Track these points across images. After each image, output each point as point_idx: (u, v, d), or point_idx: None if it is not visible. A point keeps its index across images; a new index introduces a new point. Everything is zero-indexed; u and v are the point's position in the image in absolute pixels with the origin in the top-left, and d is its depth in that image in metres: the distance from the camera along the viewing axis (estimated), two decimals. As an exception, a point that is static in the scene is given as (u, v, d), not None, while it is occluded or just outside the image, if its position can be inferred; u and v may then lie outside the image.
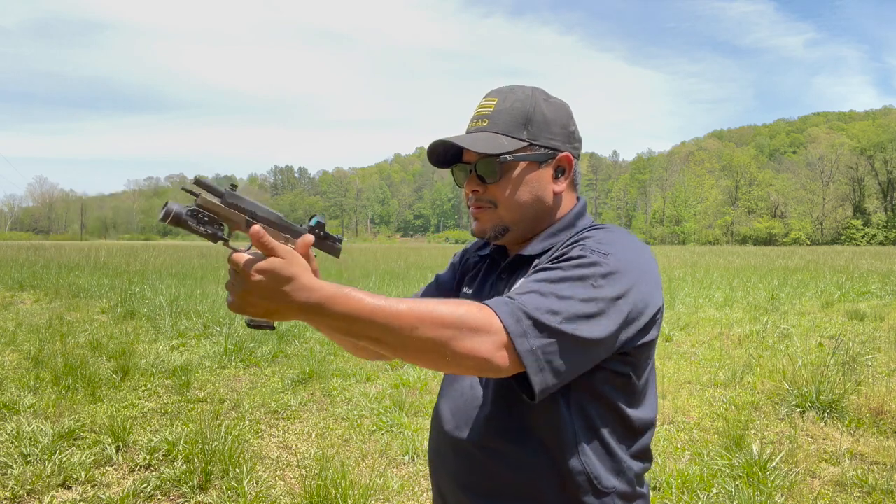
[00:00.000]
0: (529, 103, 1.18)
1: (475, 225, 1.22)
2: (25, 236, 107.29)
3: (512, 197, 1.17)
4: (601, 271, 1.01)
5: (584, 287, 0.99)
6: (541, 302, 0.96)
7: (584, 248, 1.05)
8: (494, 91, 1.22)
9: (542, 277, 1.01)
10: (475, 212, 1.21)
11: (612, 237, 1.09)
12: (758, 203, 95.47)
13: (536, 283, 1.00)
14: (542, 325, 0.94)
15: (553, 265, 1.04)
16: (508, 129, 1.16)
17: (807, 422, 4.61)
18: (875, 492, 3.43)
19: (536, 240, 1.20)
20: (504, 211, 1.18)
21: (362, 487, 3.33)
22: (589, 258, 1.02)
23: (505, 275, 1.24)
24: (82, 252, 26.36)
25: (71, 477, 3.49)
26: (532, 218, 1.19)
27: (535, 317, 0.94)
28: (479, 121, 1.19)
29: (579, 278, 0.99)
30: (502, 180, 1.16)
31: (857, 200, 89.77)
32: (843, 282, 15.05)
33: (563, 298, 0.97)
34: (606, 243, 1.06)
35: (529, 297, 0.96)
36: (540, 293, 0.97)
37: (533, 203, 1.18)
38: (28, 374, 5.62)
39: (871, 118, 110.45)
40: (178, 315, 9.09)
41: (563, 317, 0.95)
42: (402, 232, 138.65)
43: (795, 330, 8.33)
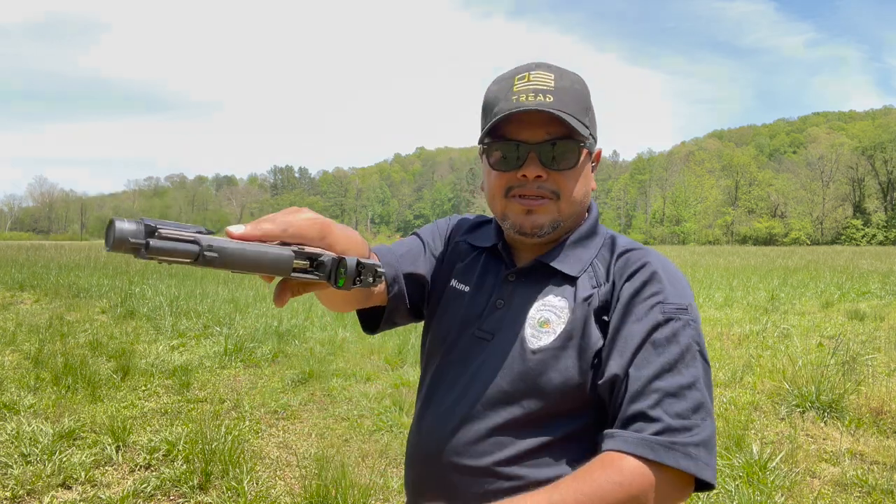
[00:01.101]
0: (585, 87, 1.08)
1: (526, 219, 1.06)
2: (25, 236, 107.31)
3: (575, 189, 1.07)
4: (695, 332, 0.98)
5: (694, 360, 0.96)
6: (681, 406, 0.92)
7: (664, 307, 0.99)
8: (540, 65, 1.07)
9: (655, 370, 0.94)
10: (531, 202, 1.05)
11: (669, 274, 1.04)
12: (758, 203, 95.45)
13: (655, 380, 0.94)
14: (705, 441, 0.90)
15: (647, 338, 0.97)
16: (577, 111, 1.04)
17: (807, 422, 4.61)
18: (875, 492, 3.43)
19: (564, 248, 1.10)
20: (565, 204, 1.06)
21: (362, 487, 3.32)
22: (678, 319, 0.98)
23: (514, 277, 1.11)
24: (82, 252, 26.36)
25: (71, 477, 3.49)
26: (578, 215, 1.11)
27: (698, 441, 0.90)
28: (542, 95, 1.02)
29: (687, 351, 0.96)
30: (574, 168, 1.05)
31: (857, 200, 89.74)
32: (843, 282, 15.05)
33: (692, 387, 0.94)
34: (674, 288, 1.02)
35: (667, 407, 0.91)
36: (672, 395, 0.92)
37: (584, 198, 1.10)
38: (28, 374, 5.62)
39: (871, 118, 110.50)
40: (178, 315, 9.09)
41: (707, 409, 0.93)
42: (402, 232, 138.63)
43: (795, 330, 8.33)
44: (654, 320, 0.98)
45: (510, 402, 1.03)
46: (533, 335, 1.05)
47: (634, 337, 0.98)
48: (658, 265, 1.04)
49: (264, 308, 9.81)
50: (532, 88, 1.02)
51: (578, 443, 1.02)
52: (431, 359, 1.19)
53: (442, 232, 1.28)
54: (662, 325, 0.97)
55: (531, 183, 1.04)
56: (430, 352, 1.19)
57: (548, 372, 1.02)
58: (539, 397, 1.02)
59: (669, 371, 0.94)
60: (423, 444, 1.12)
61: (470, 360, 1.10)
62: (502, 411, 1.04)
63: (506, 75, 1.07)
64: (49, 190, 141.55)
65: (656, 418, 0.90)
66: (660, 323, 0.97)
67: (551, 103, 1.00)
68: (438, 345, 1.17)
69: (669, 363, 0.94)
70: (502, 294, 1.11)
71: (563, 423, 1.03)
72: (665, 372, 0.94)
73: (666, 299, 1.00)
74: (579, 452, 1.00)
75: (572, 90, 1.04)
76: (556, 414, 1.02)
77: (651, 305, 0.99)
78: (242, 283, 13.99)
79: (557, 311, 1.05)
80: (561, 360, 1.02)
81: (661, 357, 0.95)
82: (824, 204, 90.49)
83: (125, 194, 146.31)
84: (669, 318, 0.98)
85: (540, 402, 1.02)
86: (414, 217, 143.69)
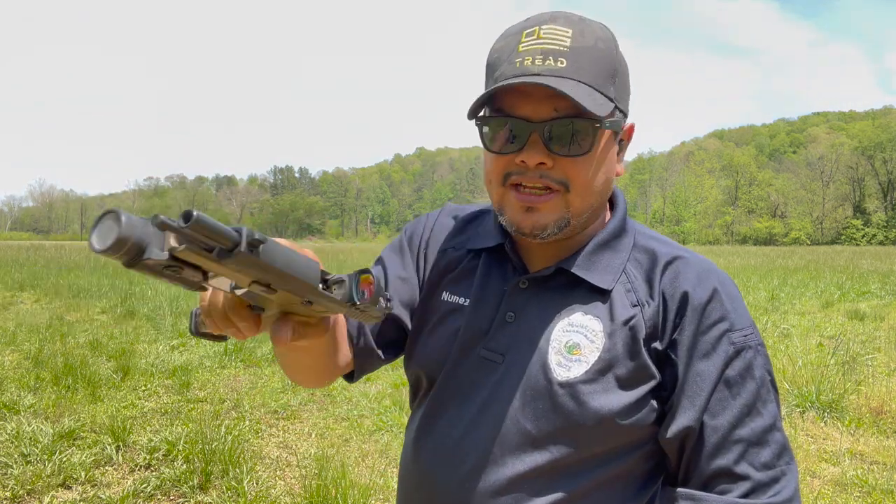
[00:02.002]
0: (613, 46, 0.84)
1: (525, 217, 0.85)
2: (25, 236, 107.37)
3: (592, 177, 0.84)
4: (764, 357, 0.88)
5: (769, 393, 0.87)
6: (766, 454, 0.84)
7: (731, 336, 0.86)
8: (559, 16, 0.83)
9: (736, 415, 0.85)
10: (531, 198, 0.84)
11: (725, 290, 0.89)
12: (758, 203, 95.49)
13: (737, 428, 0.84)
14: (793, 498, 0.84)
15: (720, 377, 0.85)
16: (597, 80, 0.81)
17: (807, 421, 4.61)
18: (875, 492, 3.43)
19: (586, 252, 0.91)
20: (576, 197, 0.84)
21: (362, 487, 3.32)
22: (749, 348, 0.87)
23: (528, 285, 0.91)
24: (82, 252, 26.35)
25: (71, 477, 3.49)
26: (596, 208, 0.90)
27: (788, 495, 0.84)
28: (552, 59, 0.79)
29: (762, 384, 0.86)
30: (588, 154, 0.82)
31: (857, 200, 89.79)
32: (843, 282, 15.05)
33: (774, 429, 0.86)
34: (734, 307, 0.88)
35: (752, 459, 0.84)
36: (756, 443, 0.84)
37: (604, 188, 0.88)
38: (28, 374, 5.62)
39: (871, 118, 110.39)
40: (178, 315, 9.09)
41: (790, 452, 0.87)
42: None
43: (795, 330, 8.33)
44: (725, 354, 0.85)
45: (535, 445, 0.87)
46: (560, 363, 0.86)
47: (705, 378, 0.85)
48: (716, 281, 0.89)
49: (264, 308, 9.79)
50: (541, 49, 0.80)
51: (611, 489, 0.89)
52: (425, 382, 1.00)
53: (413, 241, 1.06)
54: (734, 359, 0.86)
55: (533, 171, 0.82)
56: (424, 374, 1.00)
57: (583, 411, 0.85)
58: (571, 441, 0.86)
59: (749, 414, 0.85)
60: (427, 485, 0.94)
61: (477, 387, 0.91)
62: (525, 457, 0.87)
63: (514, 28, 0.85)
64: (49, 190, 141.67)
65: (742, 476, 0.83)
66: (731, 357, 0.85)
67: (563, 69, 0.79)
68: (434, 367, 0.97)
69: (748, 405, 0.85)
70: (513, 305, 0.91)
71: (598, 467, 0.88)
72: (745, 416, 0.84)
73: (733, 326, 0.86)
74: (617, 500, 0.89)
75: (595, 51, 0.81)
76: (591, 458, 0.87)
77: (718, 336, 0.86)
78: (242, 283, 13.97)
79: (589, 335, 0.87)
80: (599, 397, 0.85)
81: (737, 399, 0.85)
82: (824, 204, 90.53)
83: (125, 194, 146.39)
84: (740, 348, 0.86)
85: (572, 446, 0.86)
86: (414, 217, 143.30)
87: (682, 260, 0.90)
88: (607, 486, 0.88)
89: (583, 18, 0.84)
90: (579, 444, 0.86)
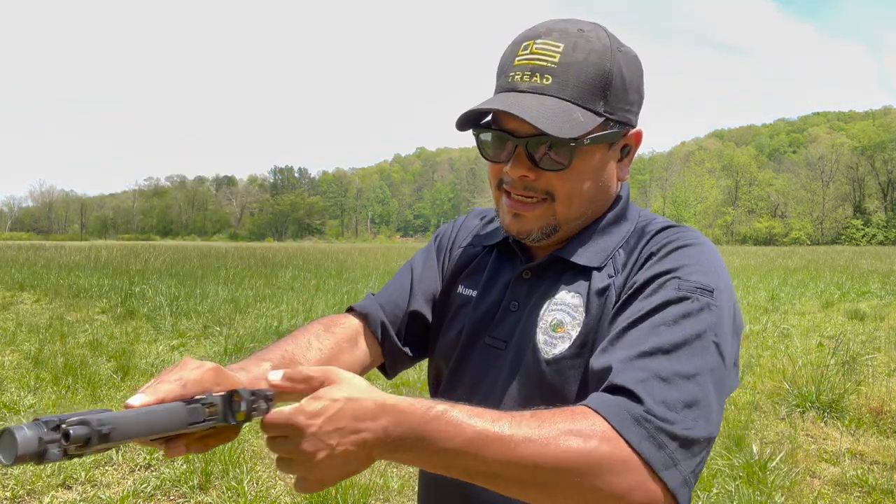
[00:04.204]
0: (609, 58, 0.85)
1: (512, 221, 0.91)
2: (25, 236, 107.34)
3: (577, 189, 0.88)
4: (715, 319, 0.79)
5: (705, 350, 0.77)
6: (668, 394, 0.72)
7: (680, 283, 0.81)
8: (555, 30, 0.86)
9: (651, 346, 0.76)
10: (518, 206, 0.89)
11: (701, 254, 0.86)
12: (758, 203, 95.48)
13: (645, 356, 0.75)
14: (688, 440, 0.71)
15: (649, 313, 0.79)
16: (583, 96, 0.84)
17: (807, 422, 4.61)
18: (875, 492, 3.43)
19: (580, 238, 0.94)
20: (562, 207, 0.89)
21: (362, 487, 3.33)
22: (696, 300, 0.79)
23: (529, 274, 0.96)
24: (82, 252, 26.36)
25: (71, 477, 3.49)
26: (590, 214, 0.93)
27: (677, 433, 0.71)
28: (538, 76, 0.84)
29: (697, 337, 0.77)
30: (567, 170, 0.86)
31: (857, 200, 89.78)
32: (843, 282, 15.05)
33: (692, 378, 0.74)
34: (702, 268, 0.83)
35: (650, 388, 0.72)
36: (662, 378, 0.73)
37: (597, 196, 0.92)
38: (28, 374, 5.62)
39: (871, 118, 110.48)
40: (178, 315, 9.09)
41: (702, 411, 0.74)
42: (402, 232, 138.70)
43: (795, 330, 8.33)
44: (665, 297, 0.80)
45: None
46: (546, 342, 0.89)
47: (639, 310, 0.81)
48: (685, 241, 0.87)
49: (264, 308, 9.81)
50: (530, 65, 0.85)
51: None
52: (441, 370, 1.06)
53: (437, 244, 1.13)
54: (674, 304, 0.79)
55: (517, 182, 0.88)
56: (439, 363, 1.06)
57: (567, 386, 0.87)
58: None
59: (666, 353, 0.76)
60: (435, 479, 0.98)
61: (483, 373, 0.96)
62: None
63: (519, 37, 0.90)
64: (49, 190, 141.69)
65: (638, 397, 0.72)
66: (671, 300, 0.79)
67: (548, 86, 0.83)
68: (447, 355, 1.03)
69: (669, 344, 0.76)
70: (516, 295, 0.96)
71: None
72: (660, 352, 0.76)
73: (686, 276, 0.82)
74: None
75: (585, 65, 0.84)
76: None
77: (665, 280, 0.82)
78: (242, 283, 13.99)
79: (571, 311, 0.89)
80: (581, 371, 0.86)
81: (660, 336, 0.77)
82: (824, 204, 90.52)
83: (125, 194, 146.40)
84: (685, 296, 0.80)
85: None
86: (414, 217, 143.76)
87: (669, 230, 0.91)
88: None
89: (582, 31, 0.86)
90: None
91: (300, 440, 0.66)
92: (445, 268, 1.10)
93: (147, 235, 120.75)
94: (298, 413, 0.66)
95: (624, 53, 0.88)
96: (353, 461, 0.68)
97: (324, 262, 22.42)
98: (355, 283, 13.91)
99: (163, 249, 33.99)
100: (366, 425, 0.67)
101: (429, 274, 1.09)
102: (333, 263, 21.41)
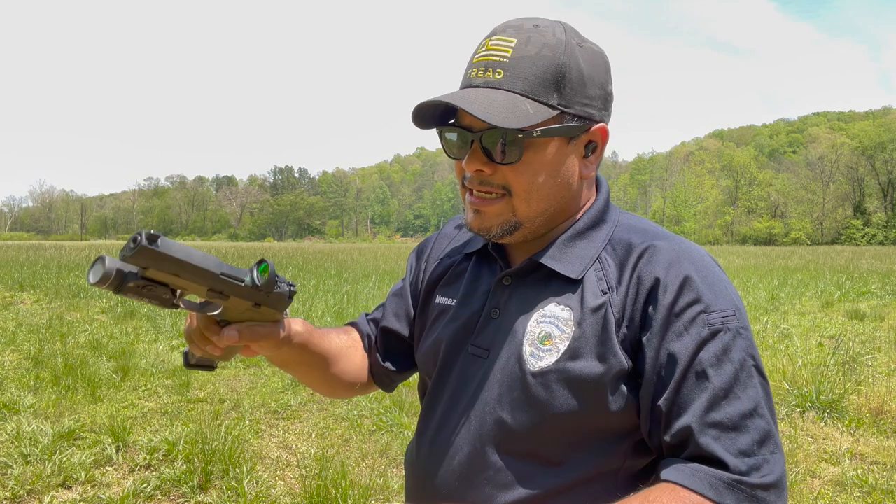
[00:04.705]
0: (563, 52, 0.85)
1: (474, 218, 0.91)
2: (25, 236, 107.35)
3: (533, 184, 0.88)
4: (746, 341, 0.83)
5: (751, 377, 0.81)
6: (744, 441, 0.78)
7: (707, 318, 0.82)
8: (510, 26, 0.87)
9: (710, 398, 0.79)
10: (477, 202, 0.90)
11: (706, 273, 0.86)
12: (758, 203, 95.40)
13: (710, 411, 0.79)
14: (774, 483, 0.77)
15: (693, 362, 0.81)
16: (534, 89, 0.84)
17: (807, 422, 4.61)
18: (875, 492, 3.43)
19: (558, 243, 0.93)
20: (520, 202, 0.89)
21: (362, 487, 3.32)
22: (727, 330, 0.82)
23: (509, 280, 0.95)
24: (82, 252, 26.35)
25: (71, 477, 3.49)
26: (553, 211, 0.92)
27: (767, 483, 0.76)
28: (491, 70, 0.85)
29: (742, 368, 0.81)
30: (521, 162, 0.86)
31: (857, 200, 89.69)
32: (843, 282, 15.05)
33: (754, 414, 0.79)
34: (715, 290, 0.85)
35: (726, 443, 0.77)
36: (731, 428, 0.78)
37: (557, 192, 0.90)
38: (28, 374, 5.62)
39: (871, 118, 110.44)
40: (177, 315, 9.09)
41: (773, 443, 0.79)
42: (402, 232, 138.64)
43: (795, 330, 8.33)
44: (699, 336, 0.81)
45: (512, 436, 0.88)
46: (533, 354, 0.89)
47: (677, 360, 0.81)
48: (690, 262, 0.86)
49: (264, 308, 9.79)
50: (484, 61, 0.86)
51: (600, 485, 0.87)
52: (425, 379, 1.07)
53: (415, 259, 1.16)
54: (709, 341, 0.81)
55: (475, 176, 0.89)
56: (422, 373, 1.09)
57: (554, 399, 0.86)
58: (546, 431, 0.87)
59: (725, 398, 0.79)
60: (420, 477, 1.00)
61: (466, 382, 0.95)
62: (504, 448, 0.89)
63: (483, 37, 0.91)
64: (49, 190, 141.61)
65: (719, 460, 0.77)
66: (705, 339, 0.81)
67: (499, 80, 0.84)
68: (428, 364, 1.04)
69: (724, 388, 0.79)
70: (497, 302, 0.95)
71: (580, 461, 0.87)
72: (721, 400, 0.79)
73: (709, 307, 0.83)
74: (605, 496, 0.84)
75: (537, 59, 0.84)
76: (571, 450, 0.87)
77: (692, 317, 0.82)
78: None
79: (560, 325, 0.89)
80: (569, 385, 0.86)
81: (712, 382, 0.80)
82: (824, 204, 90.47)
83: (125, 194, 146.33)
84: (717, 330, 0.82)
85: (548, 436, 0.87)
86: (414, 217, 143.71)
87: (656, 247, 0.88)
88: (595, 482, 0.87)
89: (537, 26, 0.87)
90: (555, 434, 0.87)
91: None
92: (423, 279, 1.11)
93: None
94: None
95: (585, 49, 0.88)
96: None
97: (324, 263, 22.42)
98: (355, 283, 13.90)
99: (163, 249, 33.89)
100: None
101: (403, 289, 1.15)
102: (333, 263, 21.41)
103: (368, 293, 11.71)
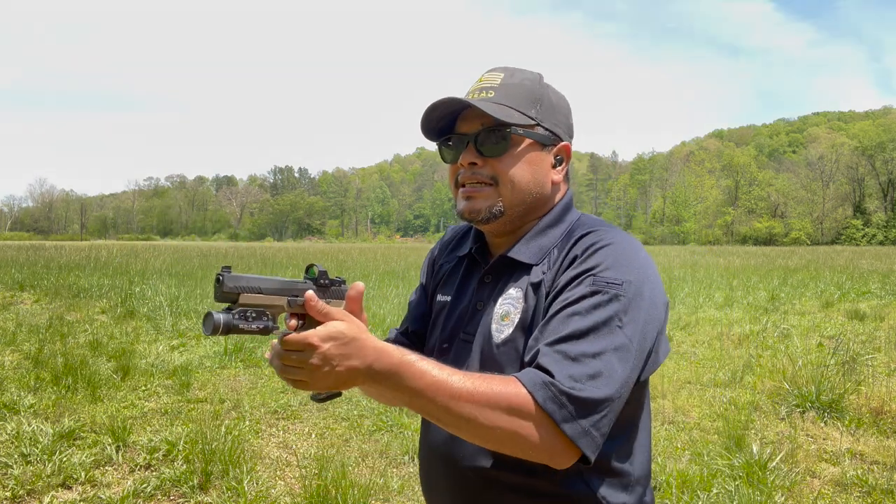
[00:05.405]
0: (538, 85, 1.14)
1: (466, 204, 1.11)
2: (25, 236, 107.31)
3: (516, 175, 1.09)
4: (622, 307, 0.95)
5: (611, 333, 0.93)
6: (575, 370, 0.90)
7: (594, 280, 0.97)
8: (498, 67, 1.16)
9: (566, 334, 0.94)
10: (469, 190, 1.11)
11: (615, 252, 1.01)
12: (758, 203, 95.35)
13: (561, 342, 0.93)
14: (587, 400, 0.89)
15: (567, 306, 0.96)
16: (518, 103, 1.10)
17: (807, 422, 4.61)
18: (875, 492, 3.43)
19: (524, 239, 1.13)
20: (505, 190, 1.09)
21: (362, 487, 3.33)
22: (606, 293, 0.96)
23: (490, 278, 1.16)
24: (82, 252, 26.36)
25: (71, 477, 3.49)
26: (529, 204, 1.12)
27: (576, 395, 0.89)
28: (485, 92, 1.11)
29: (604, 323, 0.94)
30: (507, 155, 1.09)
31: (857, 200, 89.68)
32: (843, 282, 15.05)
33: (597, 356, 0.92)
34: (615, 264, 0.99)
35: (561, 366, 0.91)
36: (569, 356, 0.91)
37: (533, 187, 1.11)
38: (28, 374, 5.62)
39: (871, 118, 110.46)
40: (178, 315, 9.10)
41: (604, 380, 0.91)
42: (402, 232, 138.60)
43: (795, 330, 8.33)
44: (580, 293, 0.97)
45: None
46: (497, 329, 1.08)
47: (559, 305, 0.98)
48: (608, 243, 1.02)
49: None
50: (479, 87, 1.12)
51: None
52: None
53: (426, 266, 1.36)
54: (587, 297, 0.96)
55: (468, 170, 1.10)
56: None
57: (510, 365, 1.05)
58: None
59: (577, 339, 0.93)
60: (428, 445, 1.20)
61: (459, 362, 1.13)
62: None
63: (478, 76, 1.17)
64: (49, 190, 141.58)
65: (550, 372, 0.91)
66: (584, 295, 0.96)
67: (491, 97, 1.09)
68: (435, 354, 1.19)
69: (580, 331, 0.93)
70: (481, 296, 1.16)
71: None
72: (573, 339, 0.93)
73: (599, 272, 0.98)
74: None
75: (520, 86, 1.12)
76: None
77: (581, 275, 0.99)
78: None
79: (514, 303, 1.08)
80: (519, 352, 1.05)
81: (574, 325, 0.94)
82: (824, 204, 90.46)
83: (125, 194, 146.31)
84: (597, 290, 0.96)
85: None
86: (414, 217, 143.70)
87: (589, 234, 1.06)
88: None
89: (520, 69, 1.15)
90: None
91: (311, 355, 0.86)
92: (430, 283, 1.33)
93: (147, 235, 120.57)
94: (314, 335, 0.86)
95: (554, 91, 1.16)
96: (341, 379, 0.88)
97: (324, 263, 22.41)
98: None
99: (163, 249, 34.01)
100: (360, 356, 0.87)
101: (418, 294, 1.34)
102: (333, 263, 21.41)
103: (368, 293, 11.71)
